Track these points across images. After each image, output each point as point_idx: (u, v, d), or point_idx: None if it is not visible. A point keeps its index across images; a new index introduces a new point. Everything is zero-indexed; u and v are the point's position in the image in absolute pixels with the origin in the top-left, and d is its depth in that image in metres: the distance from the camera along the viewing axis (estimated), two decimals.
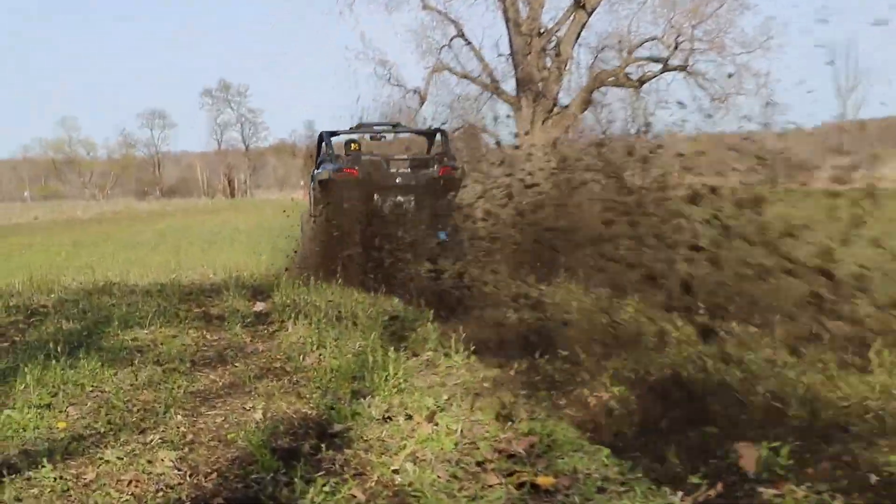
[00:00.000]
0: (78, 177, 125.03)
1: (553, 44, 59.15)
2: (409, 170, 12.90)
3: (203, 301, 8.97)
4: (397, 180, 12.44)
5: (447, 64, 61.73)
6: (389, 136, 15.65)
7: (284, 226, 18.04)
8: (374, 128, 15.23)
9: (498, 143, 53.79)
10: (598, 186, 8.62)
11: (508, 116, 62.58)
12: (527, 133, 57.27)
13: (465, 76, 62.04)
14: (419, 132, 15.95)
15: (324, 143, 14.57)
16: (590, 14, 57.21)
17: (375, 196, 11.63)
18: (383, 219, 10.85)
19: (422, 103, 62.85)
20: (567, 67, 58.92)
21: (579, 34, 58.16)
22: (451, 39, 61.55)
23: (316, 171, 14.36)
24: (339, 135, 15.06)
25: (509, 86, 61.19)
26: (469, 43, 61.09)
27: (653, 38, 58.62)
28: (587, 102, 60.04)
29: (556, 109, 58.99)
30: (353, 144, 14.48)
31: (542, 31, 58.77)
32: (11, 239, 29.62)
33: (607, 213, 7.75)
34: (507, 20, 58.67)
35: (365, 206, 11.02)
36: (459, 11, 70.13)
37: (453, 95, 63.33)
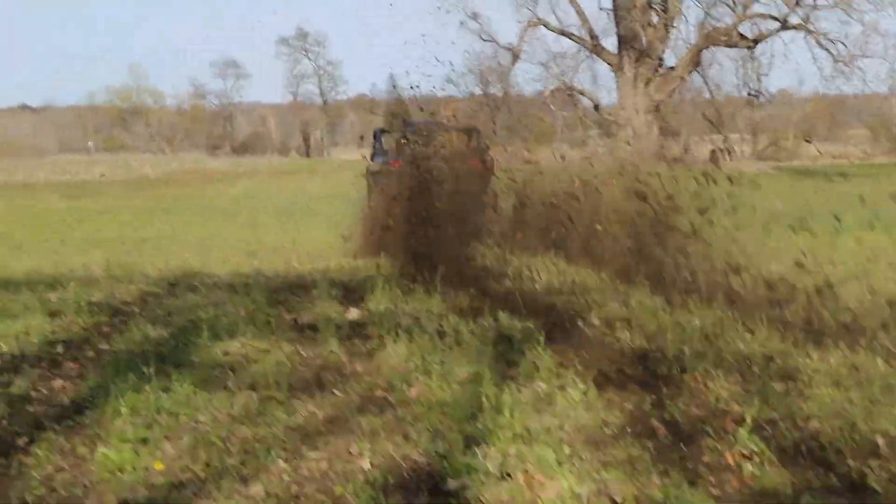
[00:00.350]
0: (145, 128, 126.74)
1: None
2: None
3: (292, 304, 9.03)
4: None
5: (543, 18, 61.34)
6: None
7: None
8: (420, 123, 17.06)
9: (596, 107, 53.60)
10: None
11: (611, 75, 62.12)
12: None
13: (563, 32, 61.50)
14: (459, 129, 17.90)
15: (376, 138, 18.05)
16: None
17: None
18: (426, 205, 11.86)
19: (515, 61, 62.55)
20: (674, 24, 58.12)
21: None
22: None
23: (369, 163, 17.05)
24: (390, 132, 18.46)
25: (610, 43, 60.40)
26: None
27: None
28: (695, 63, 59.21)
29: (660, 70, 58.32)
30: (403, 137, 15.98)
31: None
32: (82, 201, 30.18)
33: None
34: None
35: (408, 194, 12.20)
36: None
37: (549, 53, 63.02)
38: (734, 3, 57.03)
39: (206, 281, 10.62)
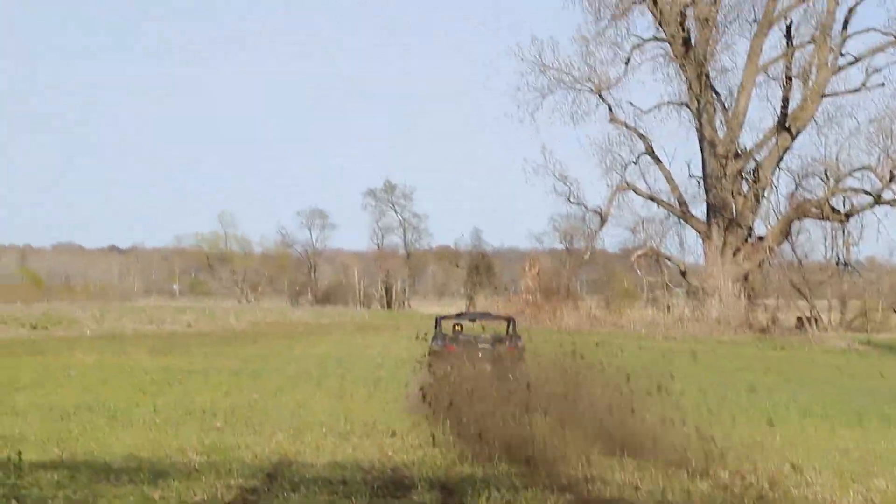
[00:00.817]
0: (231, 274, 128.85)
1: (751, 167, 58.72)
2: (489, 346, 21.39)
3: None
4: (480, 354, 19.42)
5: (632, 183, 61.94)
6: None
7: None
8: (471, 316, 24.20)
9: (683, 273, 53.81)
10: None
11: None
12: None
13: (652, 198, 61.99)
14: (499, 318, 24.59)
15: (437, 324, 22.85)
16: (794, 137, 56.67)
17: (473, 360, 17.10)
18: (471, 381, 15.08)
19: (602, 224, 63.16)
20: (765, 194, 58.36)
21: (781, 158, 57.67)
22: (639, 157, 61.86)
23: (431, 343, 21.40)
24: (448, 317, 24.30)
25: (699, 210, 60.97)
26: (658, 161, 61.22)
27: (865, 168, 57.60)
28: (785, 234, 59.14)
29: (749, 239, 58.28)
30: (456, 326, 23.34)
31: (739, 153, 58.41)
32: (170, 359, 30.52)
33: None
34: (701, 139, 58.56)
35: (459, 372, 15.63)
36: (649, 127, 70.26)
37: (637, 217, 63.45)
38: (826, 175, 57.18)
39: (304, 475, 10.64)
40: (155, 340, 41.00)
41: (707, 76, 57.37)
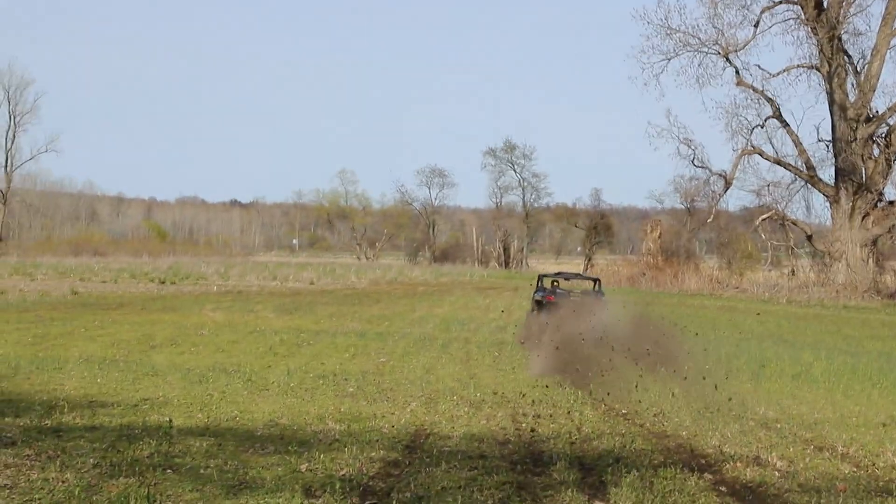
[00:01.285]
0: (350, 230, 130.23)
1: (883, 132, 57.14)
2: (578, 297, 25.18)
3: (536, 490, 9.06)
4: (572, 303, 24.00)
5: (758, 147, 60.92)
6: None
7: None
8: (566, 276, 27.60)
9: (809, 237, 53.02)
10: None
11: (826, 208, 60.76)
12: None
13: (779, 161, 60.87)
14: (587, 278, 28.81)
15: (539, 280, 27.02)
16: None
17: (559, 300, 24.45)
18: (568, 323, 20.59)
19: (727, 188, 62.29)
20: None
21: None
22: (766, 120, 60.74)
23: (534, 294, 26.37)
24: (548, 275, 27.27)
25: (827, 174, 59.75)
26: (786, 125, 60.08)
27: None
28: None
29: (880, 205, 56.83)
30: (554, 281, 26.68)
31: (871, 116, 56.91)
32: (297, 319, 31.04)
33: None
34: (831, 102, 57.24)
35: (556, 317, 21.73)
36: (777, 90, 69.34)
37: (762, 181, 62.37)
38: None
39: (443, 448, 10.80)
40: (280, 298, 41.77)
41: (839, 39, 55.91)
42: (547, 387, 16.91)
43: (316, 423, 12.39)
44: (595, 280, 27.49)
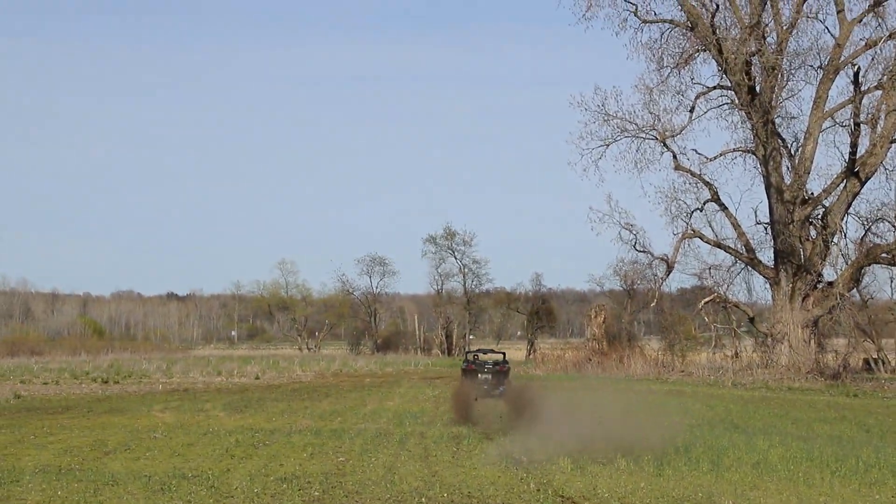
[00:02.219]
0: (291, 321, 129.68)
1: (819, 213, 58.20)
2: (490, 366, 36.03)
3: None
4: (486, 369, 35.64)
5: (698, 230, 61.71)
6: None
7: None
8: (483, 351, 39.20)
9: (752, 320, 53.67)
10: None
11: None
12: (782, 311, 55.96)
13: (718, 244, 61.72)
14: (498, 352, 38.92)
15: (465, 355, 38.21)
16: (864, 183, 56.23)
17: (478, 375, 35.52)
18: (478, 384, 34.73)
19: (668, 272, 62.85)
20: (834, 240, 57.76)
21: (850, 204, 57.14)
22: (705, 203, 61.66)
23: (462, 364, 37.78)
24: (471, 351, 38.64)
25: (766, 256, 60.60)
26: (724, 208, 61.01)
27: None
28: (855, 279, 58.53)
29: (819, 286, 57.69)
30: (478, 355, 38.01)
31: (807, 198, 58.00)
32: (248, 418, 30.79)
33: None
34: (767, 185, 58.29)
35: (473, 382, 34.89)
36: (714, 174, 70.40)
37: (703, 264, 63.14)
38: None
39: None
40: (228, 395, 41.42)
41: (773, 123, 57.14)
42: (512, 487, 16.88)
43: None
44: (503, 353, 38.81)
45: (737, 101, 57.98)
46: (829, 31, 57.01)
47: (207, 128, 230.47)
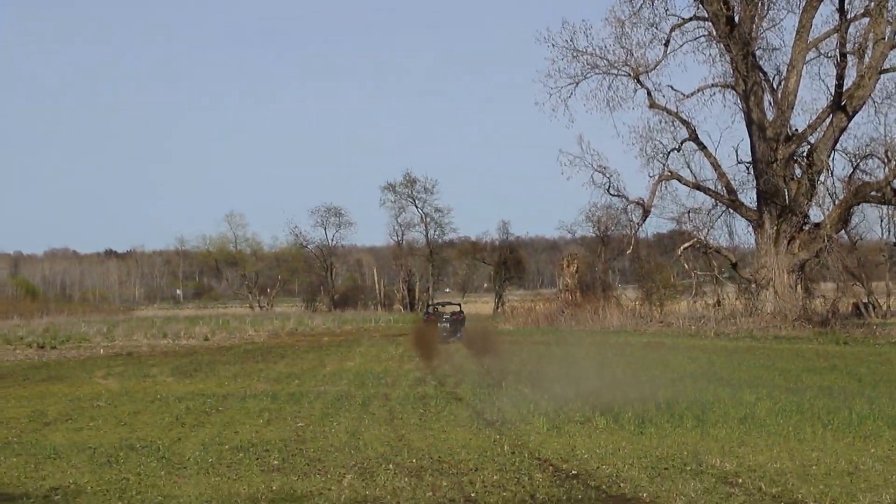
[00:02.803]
0: (241, 278, 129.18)
1: (804, 151, 58.41)
2: (448, 315, 50.23)
3: None
4: (444, 318, 49.74)
5: (676, 172, 61.80)
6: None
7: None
8: (444, 303, 55.68)
9: (734, 265, 53.98)
10: None
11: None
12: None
13: (698, 186, 61.84)
14: (456, 304, 53.84)
15: (426, 306, 64.99)
16: (851, 117, 56.33)
17: (438, 324, 49.35)
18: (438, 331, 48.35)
19: (645, 216, 62.98)
20: (820, 179, 58.03)
21: (837, 140, 57.30)
22: (682, 143, 61.72)
23: (424, 314, 57.24)
24: (431, 304, 60.97)
25: (749, 198, 60.77)
26: (703, 147, 61.07)
27: None
28: (843, 219, 58.82)
29: (805, 227, 57.99)
30: (438, 307, 54.50)
31: (791, 135, 58.12)
32: (198, 382, 30.71)
33: None
34: (749, 122, 58.37)
35: (433, 327, 48.99)
36: (692, 111, 70.21)
37: (682, 207, 63.28)
38: (887, 156, 56.88)
39: None
40: (176, 359, 41.31)
41: (753, 55, 57.07)
42: (485, 450, 16.92)
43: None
44: (459, 304, 52.28)
45: (714, 33, 57.91)
46: None
47: (144, 70, 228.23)
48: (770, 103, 58.52)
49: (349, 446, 17.58)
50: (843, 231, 61.16)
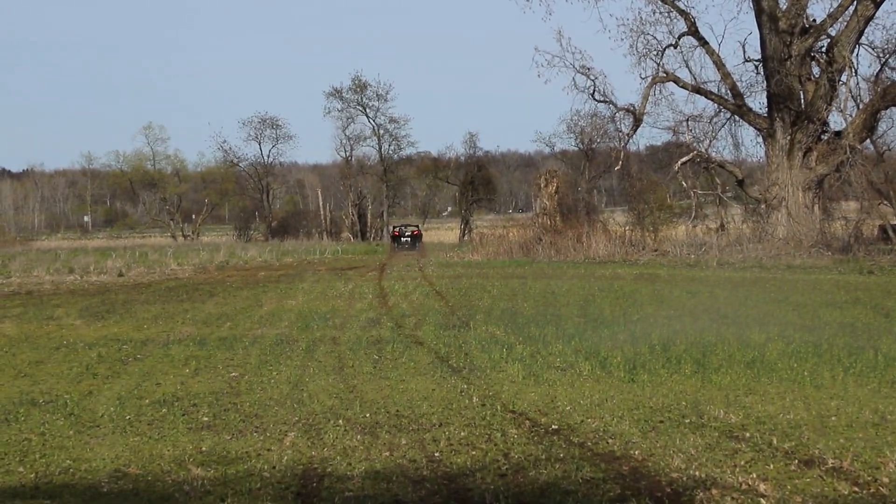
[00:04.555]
0: (160, 202, 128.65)
1: (823, 46, 58.40)
2: (409, 231, 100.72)
3: None
4: (406, 234, 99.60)
5: (672, 72, 61.79)
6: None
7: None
8: (405, 225, 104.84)
9: (740, 182, 54.43)
10: None
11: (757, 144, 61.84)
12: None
13: (698, 90, 61.91)
14: (415, 226, 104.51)
15: (392, 230, 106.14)
16: (879, 4, 56.12)
17: (401, 238, 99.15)
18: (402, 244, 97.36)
19: (637, 125, 63.03)
20: (842, 79, 57.97)
21: (861, 32, 57.21)
22: (679, 38, 61.70)
23: (390, 230, 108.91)
24: (396, 226, 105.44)
25: (758, 102, 60.95)
26: (704, 43, 61.11)
27: None
28: (869, 128, 58.89)
29: (824, 137, 58.13)
30: (402, 228, 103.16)
31: (808, 27, 58.09)
32: (111, 326, 30.62)
33: None
34: (758, 12, 58.35)
35: (397, 242, 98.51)
36: (692, 0, 69.27)
37: (679, 115, 63.33)
38: None
39: (346, 493, 10.92)
40: (85, 299, 41.21)
41: None
42: (450, 403, 16.99)
43: (175, 470, 12.33)
44: (418, 226, 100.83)
45: None
46: None
47: None
48: None
49: (291, 399, 17.62)
50: (868, 140, 61.19)
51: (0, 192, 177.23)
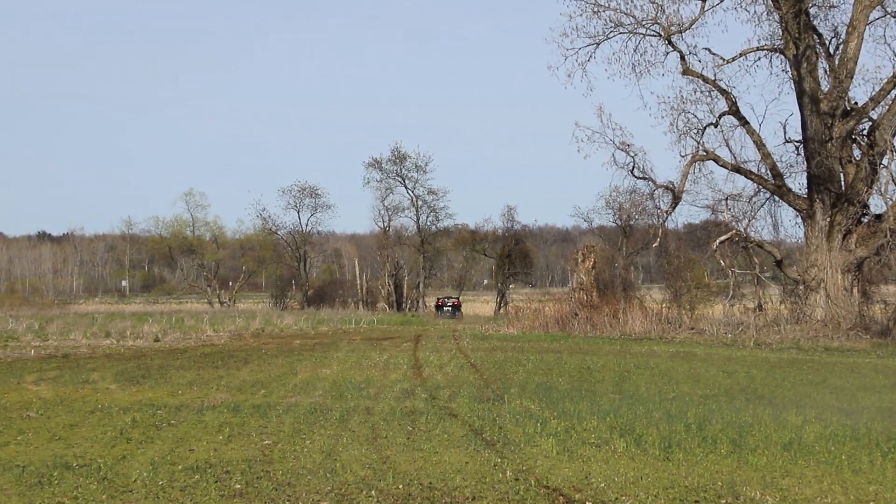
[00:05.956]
0: (198, 268, 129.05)
1: (864, 128, 58.23)
2: (451, 302, 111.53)
3: None
4: (448, 304, 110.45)
5: (712, 151, 61.68)
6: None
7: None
8: (447, 297, 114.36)
9: (779, 263, 53.80)
10: None
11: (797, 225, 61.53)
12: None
13: (738, 169, 61.76)
14: (456, 298, 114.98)
15: (437, 300, 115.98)
16: None
17: (444, 307, 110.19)
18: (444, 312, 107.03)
19: (676, 203, 62.81)
20: (883, 162, 57.77)
21: None
22: (720, 117, 61.61)
23: (436, 304, 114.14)
24: (440, 298, 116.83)
25: (798, 183, 60.67)
26: (745, 123, 60.99)
27: None
28: None
29: (864, 219, 57.82)
30: (444, 299, 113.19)
31: (849, 109, 57.97)
32: (147, 391, 30.68)
33: None
34: (800, 93, 58.32)
35: (440, 310, 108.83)
36: (733, 79, 70.80)
37: (718, 194, 63.18)
38: None
39: None
40: (121, 363, 41.24)
41: (807, 13, 56.87)
42: (484, 476, 16.93)
43: None
44: (458, 298, 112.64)
45: None
46: None
47: (94, 25, 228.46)
48: (825, 71, 58.40)
49: (324, 469, 17.58)
50: None
51: (40, 256, 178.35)
